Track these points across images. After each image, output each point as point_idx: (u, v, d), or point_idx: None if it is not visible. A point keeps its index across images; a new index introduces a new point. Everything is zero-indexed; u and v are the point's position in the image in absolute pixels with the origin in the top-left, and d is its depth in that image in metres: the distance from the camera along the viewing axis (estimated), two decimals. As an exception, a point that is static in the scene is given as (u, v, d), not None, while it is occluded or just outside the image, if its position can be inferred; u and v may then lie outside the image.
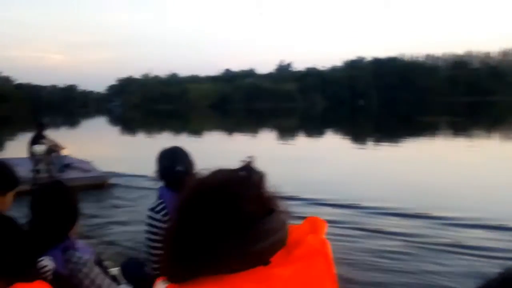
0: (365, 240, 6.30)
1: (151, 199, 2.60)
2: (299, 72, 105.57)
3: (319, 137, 25.25)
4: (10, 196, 2.17)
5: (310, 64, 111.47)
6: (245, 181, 0.96)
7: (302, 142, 22.49)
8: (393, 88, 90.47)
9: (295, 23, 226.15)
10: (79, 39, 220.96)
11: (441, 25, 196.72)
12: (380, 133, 26.62)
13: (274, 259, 0.93)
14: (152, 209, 2.54)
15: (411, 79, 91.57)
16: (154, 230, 2.48)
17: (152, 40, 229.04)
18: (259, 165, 1.05)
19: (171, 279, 0.93)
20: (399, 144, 19.37)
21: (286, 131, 29.77)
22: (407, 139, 21.12)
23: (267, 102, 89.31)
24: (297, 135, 26.85)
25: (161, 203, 2.53)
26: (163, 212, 2.49)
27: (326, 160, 14.39)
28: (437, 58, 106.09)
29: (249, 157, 1.92)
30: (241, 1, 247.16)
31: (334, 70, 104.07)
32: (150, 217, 2.52)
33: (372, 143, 20.68)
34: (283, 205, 0.98)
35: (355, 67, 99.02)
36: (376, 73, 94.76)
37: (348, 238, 6.27)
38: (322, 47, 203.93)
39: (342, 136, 24.59)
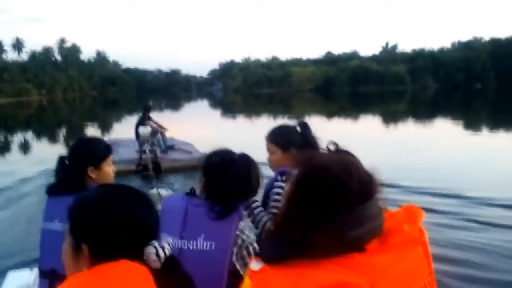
0: (468, 232, 6.05)
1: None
2: (407, 53, 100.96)
3: (429, 122, 24.14)
4: (108, 165, 2.30)
5: (416, 46, 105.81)
6: (352, 163, 1.01)
7: (409, 128, 21.81)
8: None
9: (400, 3, 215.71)
10: (182, 26, 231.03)
11: None
12: (496, 119, 24.81)
13: (370, 246, 0.95)
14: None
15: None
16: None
17: (252, 24, 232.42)
18: (359, 150, 1.08)
19: (266, 259, 0.96)
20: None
21: (393, 116, 28.83)
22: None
23: (374, 85, 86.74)
24: (404, 120, 25.91)
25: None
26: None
27: (433, 147, 13.93)
28: None
29: (333, 142, 2.02)
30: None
31: (446, 51, 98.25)
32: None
33: (487, 130, 19.50)
34: (381, 191, 0.99)
35: (470, 48, 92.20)
36: (494, 55, 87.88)
37: (448, 229, 6.08)
38: (430, 27, 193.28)
39: (454, 122, 23.30)
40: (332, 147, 2.13)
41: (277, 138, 2.56)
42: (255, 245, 1.92)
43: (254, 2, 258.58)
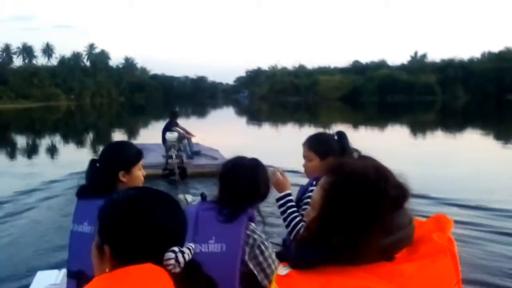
0: (496, 244, 5.97)
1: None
2: (436, 63, 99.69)
3: (459, 133, 23.75)
4: (138, 170, 2.33)
5: (445, 55, 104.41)
6: (386, 169, 1.01)
7: (438, 138, 21.54)
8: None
9: (429, 13, 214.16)
10: (210, 33, 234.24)
11: None
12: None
13: (399, 255, 0.95)
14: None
15: None
16: None
17: (279, 32, 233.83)
18: (387, 160, 1.08)
19: (294, 264, 0.97)
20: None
21: (422, 126, 28.48)
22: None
23: (403, 94, 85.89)
24: (433, 131, 25.55)
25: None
26: None
27: (462, 158, 13.78)
28: None
29: (356, 150, 1.97)
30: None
31: (477, 62, 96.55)
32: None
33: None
34: (409, 201, 0.98)
35: (502, 58, 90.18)
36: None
37: (477, 240, 6.02)
38: (459, 37, 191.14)
39: (484, 133, 22.84)
40: (355, 154, 2.12)
41: (316, 145, 2.59)
42: (266, 243, 1.97)
43: (281, 11, 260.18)
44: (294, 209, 2.43)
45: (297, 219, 2.38)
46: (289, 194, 2.47)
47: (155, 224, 1.09)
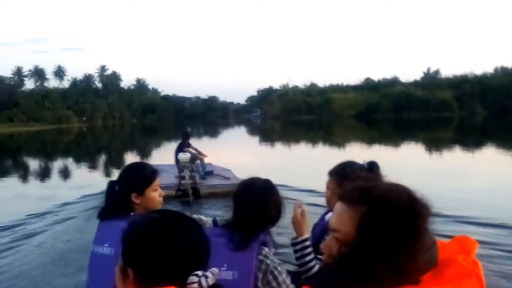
0: None
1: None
2: (451, 78, 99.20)
3: (478, 150, 23.49)
4: (152, 191, 2.34)
5: (457, 71, 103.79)
6: (413, 193, 1.01)
7: (457, 155, 21.30)
8: None
9: (440, 29, 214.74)
10: (220, 53, 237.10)
11: None
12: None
13: (425, 278, 0.95)
14: None
15: None
16: None
17: (289, 51, 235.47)
18: (404, 177, 1.08)
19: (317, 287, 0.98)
20: None
21: (440, 143, 28.23)
22: None
23: (419, 111, 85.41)
24: (451, 148, 25.29)
25: None
26: None
27: (480, 176, 13.65)
28: None
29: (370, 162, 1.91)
30: (370, 6, 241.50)
31: (492, 76, 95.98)
32: None
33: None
34: (432, 222, 0.99)
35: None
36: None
37: (497, 259, 5.91)
38: (471, 53, 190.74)
39: (504, 149, 22.53)
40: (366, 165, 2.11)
41: (339, 175, 2.45)
42: (280, 268, 1.96)
43: (290, 31, 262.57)
44: (312, 256, 2.30)
45: (315, 267, 2.27)
46: (306, 240, 2.34)
47: (178, 247, 1.10)
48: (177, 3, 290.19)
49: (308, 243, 2.33)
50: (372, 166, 2.44)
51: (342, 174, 2.44)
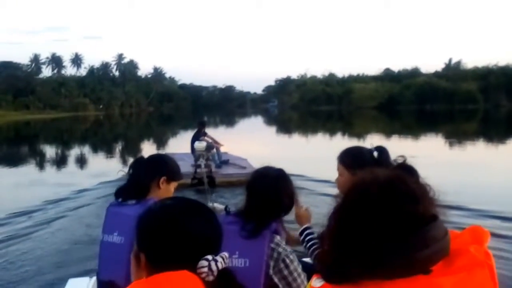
0: None
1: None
2: (476, 69, 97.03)
3: (502, 143, 23.11)
4: (173, 185, 2.46)
5: (480, 62, 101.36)
6: (408, 182, 1.01)
7: (480, 148, 21.06)
8: None
9: (461, 19, 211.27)
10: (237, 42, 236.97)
11: None
12: None
13: (436, 268, 0.95)
14: None
15: None
16: None
17: (307, 40, 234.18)
18: (425, 170, 1.08)
19: (328, 278, 0.99)
20: None
21: (463, 136, 27.85)
22: None
23: (442, 103, 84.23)
24: (475, 140, 24.95)
25: None
26: None
27: (502, 169, 13.50)
28: None
29: (402, 156, 1.96)
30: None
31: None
32: None
33: None
34: (444, 213, 1.00)
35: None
36: None
37: None
38: (495, 43, 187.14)
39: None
40: (400, 159, 2.13)
41: (347, 159, 2.50)
42: (292, 256, 2.00)
43: (309, 20, 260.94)
44: (315, 241, 2.46)
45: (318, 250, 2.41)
46: (308, 228, 2.51)
47: (190, 233, 1.14)
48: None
49: (309, 230, 2.49)
50: (380, 152, 2.44)
51: (350, 159, 2.50)
